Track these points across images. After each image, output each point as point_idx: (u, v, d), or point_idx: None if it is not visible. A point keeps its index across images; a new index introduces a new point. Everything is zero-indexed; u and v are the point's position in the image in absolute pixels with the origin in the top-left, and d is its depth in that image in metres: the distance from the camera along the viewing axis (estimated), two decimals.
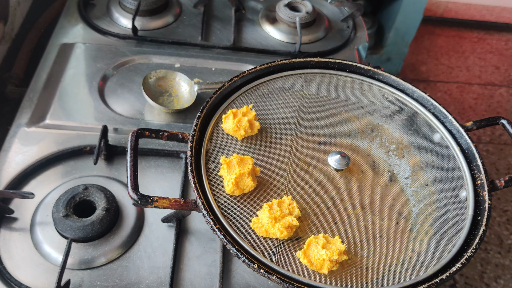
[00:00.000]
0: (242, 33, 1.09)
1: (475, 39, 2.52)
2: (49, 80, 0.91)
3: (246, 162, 0.60)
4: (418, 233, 0.60)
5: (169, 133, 0.64)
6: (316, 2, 1.19)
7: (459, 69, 2.42)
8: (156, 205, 0.56)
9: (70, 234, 0.67)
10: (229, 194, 0.59)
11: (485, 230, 0.57)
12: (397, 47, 2.06)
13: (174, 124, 0.87)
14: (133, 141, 0.60)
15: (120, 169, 0.79)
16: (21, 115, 0.84)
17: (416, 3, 1.88)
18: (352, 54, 1.08)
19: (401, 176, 0.67)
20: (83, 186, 0.71)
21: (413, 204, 0.63)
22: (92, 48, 0.98)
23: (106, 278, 0.66)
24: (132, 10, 1.04)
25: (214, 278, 0.68)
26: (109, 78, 0.94)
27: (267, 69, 0.72)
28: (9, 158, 0.77)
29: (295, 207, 0.57)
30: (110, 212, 0.70)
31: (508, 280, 1.70)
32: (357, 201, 0.62)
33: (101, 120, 0.85)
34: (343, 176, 0.65)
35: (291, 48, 1.06)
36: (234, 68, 1.00)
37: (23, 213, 0.71)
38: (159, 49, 1.00)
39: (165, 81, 0.91)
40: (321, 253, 0.53)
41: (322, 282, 0.53)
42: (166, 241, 0.71)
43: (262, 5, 1.16)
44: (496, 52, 2.50)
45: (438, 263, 0.56)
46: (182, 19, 1.09)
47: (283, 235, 0.55)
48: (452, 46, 2.49)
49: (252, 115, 0.66)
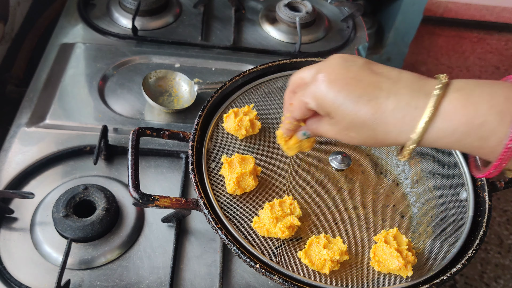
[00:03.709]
0: (242, 33, 1.09)
1: (475, 39, 2.52)
2: (49, 80, 0.91)
3: (248, 161, 0.60)
4: (418, 233, 0.60)
5: (170, 132, 0.64)
6: (316, 2, 1.19)
7: (459, 69, 2.42)
8: (157, 204, 0.56)
9: (70, 234, 0.67)
10: (230, 194, 0.59)
11: (485, 231, 0.57)
12: (397, 47, 2.06)
13: (174, 124, 0.87)
14: (134, 140, 0.60)
15: (120, 169, 0.79)
16: (21, 115, 0.84)
17: (416, 3, 1.88)
18: (352, 54, 1.08)
19: (401, 177, 0.66)
20: (83, 186, 0.71)
21: (413, 205, 0.63)
22: (92, 48, 0.98)
23: (106, 278, 0.66)
24: (132, 10, 1.04)
25: (214, 278, 0.68)
26: (109, 78, 0.94)
27: (268, 68, 0.72)
28: (9, 158, 0.77)
29: (296, 206, 0.57)
30: (110, 212, 0.70)
31: (508, 280, 1.71)
32: (358, 201, 0.62)
33: (101, 120, 0.85)
34: (344, 176, 0.65)
35: (291, 48, 1.06)
36: (234, 68, 1.00)
37: (23, 213, 0.71)
38: (159, 49, 1.00)
39: (165, 81, 0.91)
40: (322, 253, 0.53)
41: (323, 282, 0.53)
42: (166, 241, 0.71)
43: (262, 5, 1.16)
44: (496, 52, 2.50)
45: (439, 263, 0.56)
46: (182, 19, 1.09)
47: (284, 234, 0.55)
48: (452, 46, 2.49)
49: (254, 114, 0.66)
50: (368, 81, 0.45)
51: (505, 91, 0.42)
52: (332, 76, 0.46)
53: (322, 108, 0.48)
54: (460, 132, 0.42)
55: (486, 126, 0.41)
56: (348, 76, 0.46)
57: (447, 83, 0.44)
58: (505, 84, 0.43)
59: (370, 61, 0.48)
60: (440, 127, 0.43)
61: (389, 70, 0.47)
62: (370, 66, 0.47)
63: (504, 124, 0.41)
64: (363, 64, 0.47)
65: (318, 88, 0.47)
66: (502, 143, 0.41)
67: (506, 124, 0.41)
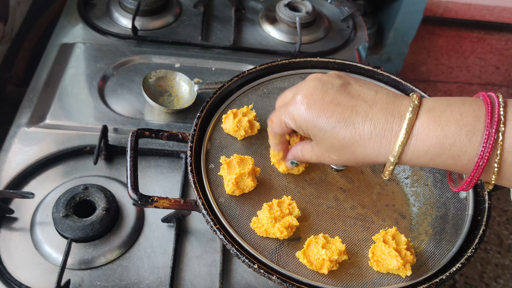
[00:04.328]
0: (242, 33, 1.09)
1: (475, 39, 2.52)
2: (49, 80, 0.91)
3: (247, 162, 0.60)
4: (418, 232, 0.60)
5: (169, 133, 0.64)
6: (316, 2, 1.19)
7: (459, 69, 2.42)
8: (156, 205, 0.56)
9: (70, 234, 0.67)
10: (229, 194, 0.59)
11: (485, 230, 0.57)
12: (397, 47, 2.06)
13: (174, 124, 0.87)
14: (133, 141, 0.60)
15: (120, 169, 0.79)
16: (21, 115, 0.84)
17: (416, 3, 1.88)
18: (352, 54, 1.08)
19: (401, 176, 0.67)
20: (83, 186, 0.71)
21: (413, 204, 0.63)
22: (92, 48, 0.98)
23: (106, 278, 0.66)
24: (132, 10, 1.04)
25: (214, 278, 0.68)
26: (109, 78, 0.94)
27: (267, 69, 0.72)
28: (9, 158, 0.77)
29: (295, 207, 0.57)
30: (110, 212, 0.70)
31: (508, 280, 1.71)
32: (357, 201, 0.62)
33: (101, 120, 0.85)
34: (343, 176, 0.65)
35: (291, 48, 1.06)
36: (234, 68, 1.00)
37: (23, 213, 0.71)
38: (159, 49, 1.00)
39: (165, 81, 0.91)
40: (321, 253, 0.53)
41: (322, 282, 0.53)
42: (166, 241, 0.71)
43: (262, 5, 1.16)
44: (496, 52, 2.50)
45: (438, 263, 0.56)
46: (182, 19, 1.09)
47: (283, 235, 0.55)
48: (452, 46, 2.49)
49: (253, 115, 0.66)
50: (345, 105, 0.47)
51: (474, 110, 0.43)
52: (310, 99, 0.48)
53: (301, 129, 0.50)
54: (432, 153, 0.44)
55: (456, 145, 0.43)
56: (326, 99, 0.48)
57: (419, 104, 0.45)
58: (475, 102, 0.44)
59: (347, 81, 0.50)
60: (414, 149, 0.45)
61: (366, 92, 0.48)
62: (347, 88, 0.49)
63: (473, 144, 0.42)
64: (340, 86, 0.49)
65: (297, 110, 0.49)
66: (473, 161, 0.43)
67: (475, 143, 0.42)
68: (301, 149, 0.55)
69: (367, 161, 0.48)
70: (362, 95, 0.48)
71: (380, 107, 0.46)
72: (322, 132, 0.48)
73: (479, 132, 0.42)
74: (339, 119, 0.47)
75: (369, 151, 0.47)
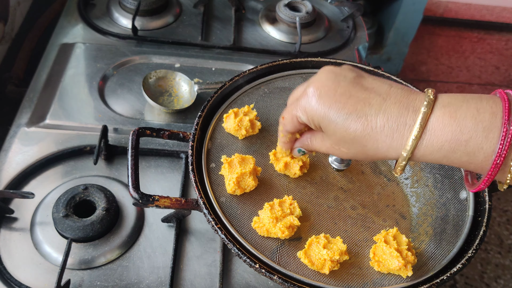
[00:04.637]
0: (242, 33, 1.09)
1: (475, 39, 2.52)
2: (49, 80, 0.91)
3: (248, 161, 0.60)
4: (418, 233, 0.60)
5: (170, 132, 0.64)
6: (316, 2, 1.19)
7: (459, 69, 2.42)
8: (157, 204, 0.56)
9: (70, 234, 0.67)
10: (230, 194, 0.59)
11: (485, 230, 0.57)
12: (397, 47, 2.06)
13: (174, 124, 0.87)
14: (134, 140, 0.60)
15: (120, 169, 0.79)
16: (21, 115, 0.84)
17: (416, 3, 1.88)
18: (352, 54, 1.08)
19: (401, 177, 0.66)
20: (83, 186, 0.71)
21: (414, 205, 0.63)
22: (92, 48, 0.98)
23: (106, 278, 0.66)
24: (132, 10, 1.04)
25: (214, 278, 0.68)
26: (109, 78, 0.94)
27: (268, 68, 0.72)
28: (9, 158, 0.77)
29: (296, 207, 0.57)
30: (110, 212, 0.70)
31: (508, 280, 1.71)
32: (358, 201, 0.62)
33: (101, 120, 0.85)
34: (344, 176, 0.65)
35: (291, 48, 1.06)
36: (234, 68, 1.00)
37: (23, 213, 0.71)
38: (159, 49, 1.00)
39: (165, 81, 0.91)
40: (322, 253, 0.53)
41: (323, 282, 0.53)
42: (166, 241, 0.71)
43: (262, 5, 1.16)
44: (496, 52, 2.50)
45: (439, 263, 0.56)
46: (182, 19, 1.09)
47: (284, 235, 0.55)
48: (452, 46, 2.49)
49: (254, 114, 0.66)
50: (358, 97, 0.46)
51: (491, 106, 0.42)
52: (322, 91, 0.47)
53: (313, 122, 0.49)
54: (446, 149, 0.43)
55: (472, 142, 0.42)
56: (338, 91, 0.47)
57: (435, 99, 0.44)
58: (492, 99, 0.43)
59: (361, 74, 0.49)
60: (428, 144, 0.44)
61: (379, 85, 0.47)
62: (360, 81, 0.48)
63: (490, 140, 0.41)
64: (353, 79, 0.48)
65: (308, 103, 0.48)
66: (490, 159, 0.42)
67: (492, 140, 0.41)
68: (311, 137, 0.54)
69: (377, 155, 0.47)
70: (375, 88, 0.47)
71: (394, 100, 0.45)
72: (333, 124, 0.47)
73: (496, 129, 0.41)
74: (351, 111, 0.45)
75: (381, 145, 0.45)
